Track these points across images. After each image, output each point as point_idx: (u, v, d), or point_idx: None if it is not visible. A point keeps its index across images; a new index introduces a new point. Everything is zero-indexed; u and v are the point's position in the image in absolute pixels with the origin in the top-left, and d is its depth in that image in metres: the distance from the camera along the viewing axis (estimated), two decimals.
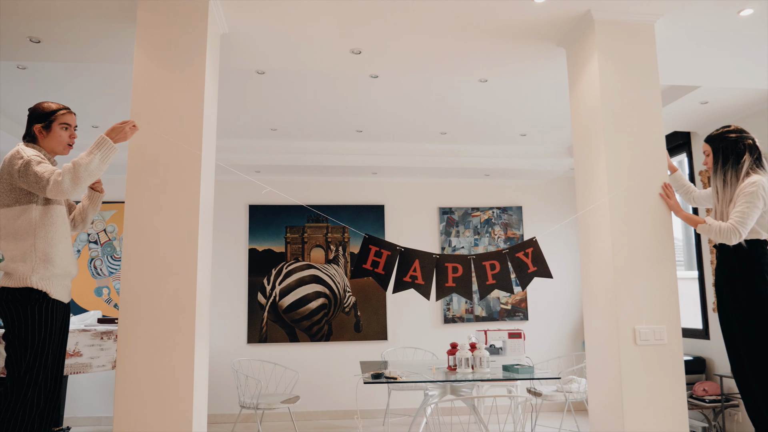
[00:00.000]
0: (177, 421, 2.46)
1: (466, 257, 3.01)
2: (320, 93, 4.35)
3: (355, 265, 2.96)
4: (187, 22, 2.78)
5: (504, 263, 3.02)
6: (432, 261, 2.99)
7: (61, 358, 2.49)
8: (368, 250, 2.99)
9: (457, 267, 2.98)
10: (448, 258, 3.00)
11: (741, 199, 2.65)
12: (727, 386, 4.69)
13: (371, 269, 2.95)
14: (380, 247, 2.98)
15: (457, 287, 2.96)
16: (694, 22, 3.14)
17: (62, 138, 2.54)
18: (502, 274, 3.00)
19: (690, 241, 5.44)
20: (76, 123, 2.61)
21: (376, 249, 2.98)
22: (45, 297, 2.35)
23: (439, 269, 2.98)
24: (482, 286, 3.00)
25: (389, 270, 2.97)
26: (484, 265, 3.00)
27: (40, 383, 2.32)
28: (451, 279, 2.96)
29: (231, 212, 6.09)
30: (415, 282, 2.95)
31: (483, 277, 3.00)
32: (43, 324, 2.33)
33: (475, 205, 6.38)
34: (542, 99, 4.53)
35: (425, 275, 2.96)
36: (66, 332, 2.53)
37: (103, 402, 5.63)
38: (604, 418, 2.90)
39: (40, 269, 2.35)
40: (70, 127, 2.56)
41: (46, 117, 2.52)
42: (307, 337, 5.94)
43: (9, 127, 4.70)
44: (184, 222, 2.61)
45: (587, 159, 3.10)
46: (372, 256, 2.97)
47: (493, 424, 5.44)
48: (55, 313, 2.39)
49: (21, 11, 2.93)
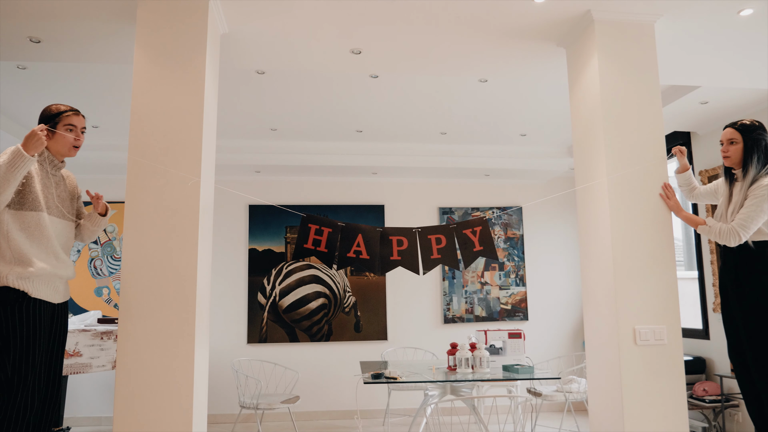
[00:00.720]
0: (177, 421, 2.46)
1: (411, 230, 2.95)
2: (320, 93, 4.35)
3: (295, 246, 2.92)
4: (187, 22, 2.78)
5: (450, 238, 2.95)
6: (376, 234, 2.93)
7: (55, 358, 2.47)
8: (308, 229, 2.91)
9: (402, 240, 2.92)
10: (392, 231, 2.94)
11: (749, 201, 2.60)
12: (727, 386, 4.69)
13: (313, 248, 2.89)
14: (320, 225, 2.92)
15: (402, 260, 2.90)
16: (694, 22, 3.15)
17: (67, 139, 2.52)
18: (447, 249, 2.94)
19: (690, 241, 5.44)
20: (84, 125, 2.59)
21: (316, 227, 2.91)
22: (24, 296, 2.31)
23: (383, 243, 2.92)
24: (426, 260, 2.93)
25: (332, 247, 2.90)
26: (429, 239, 2.94)
27: (29, 385, 2.29)
28: (396, 252, 2.90)
29: (231, 212, 6.09)
30: (359, 257, 2.89)
31: (428, 251, 2.93)
32: (25, 324, 2.30)
33: (475, 205, 6.38)
34: (542, 99, 4.53)
35: (370, 250, 2.90)
36: (60, 333, 2.50)
37: (103, 402, 5.63)
38: (604, 418, 2.90)
39: (18, 269, 2.31)
40: (75, 129, 2.55)
41: (51, 118, 2.52)
42: (307, 337, 5.94)
43: (9, 127, 4.70)
44: (184, 222, 2.61)
45: (587, 159, 3.10)
46: (313, 234, 2.90)
47: (493, 424, 5.44)
48: (38, 313, 2.35)
49: (21, 11, 2.93)
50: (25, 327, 2.31)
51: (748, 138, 2.68)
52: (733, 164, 2.76)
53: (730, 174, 2.81)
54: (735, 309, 2.70)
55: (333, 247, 2.91)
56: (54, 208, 2.50)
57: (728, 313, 2.78)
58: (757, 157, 2.65)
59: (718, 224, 2.67)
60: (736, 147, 2.71)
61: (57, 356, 2.50)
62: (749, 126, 2.70)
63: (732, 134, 2.73)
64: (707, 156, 5.06)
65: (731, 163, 2.76)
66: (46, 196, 2.47)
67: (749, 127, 2.69)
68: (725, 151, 2.74)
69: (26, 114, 4.60)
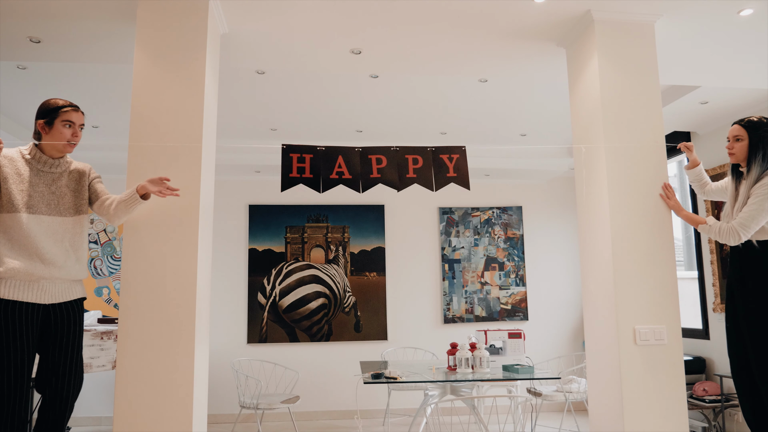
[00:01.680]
0: (177, 421, 2.46)
1: (389, 149, 3.01)
2: (320, 93, 4.35)
3: (282, 178, 2.95)
4: (187, 22, 2.78)
5: (428, 160, 3.01)
6: (356, 155, 2.98)
7: (56, 360, 2.41)
8: (290, 159, 2.93)
9: (381, 158, 2.98)
10: (372, 150, 3.00)
11: (752, 200, 2.56)
12: (727, 386, 4.69)
13: (299, 176, 2.91)
14: (301, 153, 2.95)
15: (381, 178, 2.96)
16: (694, 22, 3.14)
17: (63, 135, 2.46)
18: (423, 170, 2.99)
19: (690, 241, 5.44)
20: (82, 122, 2.53)
21: (297, 155, 2.94)
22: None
23: (363, 161, 2.98)
24: (402, 179, 2.99)
25: (316, 173, 2.94)
26: (406, 159, 3.00)
27: (3, 387, 2.26)
28: (376, 170, 2.96)
29: (231, 212, 6.09)
30: (342, 178, 2.93)
31: (404, 169, 3.00)
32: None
33: (475, 205, 6.38)
34: (542, 99, 4.53)
35: (351, 169, 2.96)
36: (59, 334, 2.44)
37: (103, 402, 5.63)
38: (604, 418, 2.90)
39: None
40: (73, 125, 2.48)
41: (49, 113, 2.46)
42: (307, 337, 5.94)
43: (9, 127, 4.70)
44: (184, 222, 2.61)
45: (587, 159, 3.10)
46: (296, 163, 2.93)
47: (493, 424, 5.44)
48: (9, 315, 2.31)
49: (21, 11, 2.93)
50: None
51: (753, 135, 2.65)
52: (738, 161, 2.72)
53: (737, 171, 2.79)
54: (739, 307, 2.69)
55: (317, 173, 2.96)
56: (42, 206, 2.43)
57: (732, 311, 2.76)
58: (762, 155, 2.62)
59: (718, 224, 2.66)
60: (741, 144, 2.68)
61: (58, 358, 2.44)
62: (756, 123, 2.67)
63: (738, 131, 2.70)
64: (707, 156, 5.06)
65: (737, 160, 2.72)
66: (31, 195, 2.40)
67: (756, 124, 2.66)
68: (730, 148, 2.72)
69: (26, 114, 4.60)
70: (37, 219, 2.41)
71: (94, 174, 2.65)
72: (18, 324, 2.32)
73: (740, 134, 2.69)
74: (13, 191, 2.38)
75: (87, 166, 2.64)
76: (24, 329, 2.34)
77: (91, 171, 2.65)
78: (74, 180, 2.58)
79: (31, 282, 2.37)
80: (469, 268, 6.25)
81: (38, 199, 2.43)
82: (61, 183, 2.53)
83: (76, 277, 2.52)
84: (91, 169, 2.65)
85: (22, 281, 2.36)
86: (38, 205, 2.43)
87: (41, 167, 2.47)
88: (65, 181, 2.54)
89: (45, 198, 2.45)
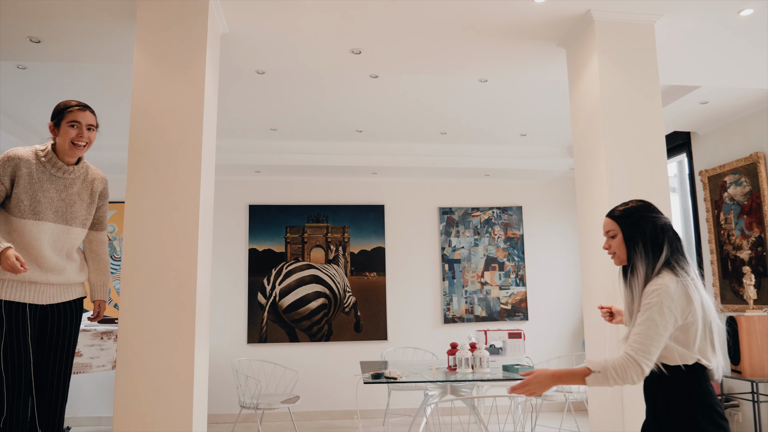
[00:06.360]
0: (177, 421, 2.46)
1: None
2: (320, 93, 4.35)
3: None
4: (187, 22, 2.78)
5: None
6: None
7: (51, 360, 2.41)
8: None
9: None
10: None
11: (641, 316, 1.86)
12: (727, 386, 4.69)
13: None
14: None
15: None
16: (694, 22, 3.15)
17: (69, 135, 2.39)
18: None
19: (690, 241, 5.44)
20: (91, 122, 2.45)
21: None
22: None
23: None
24: None
25: None
26: None
27: (2, 387, 2.26)
28: None
29: (231, 212, 6.09)
30: None
31: None
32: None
33: (475, 205, 6.38)
34: (542, 99, 4.53)
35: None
36: (56, 334, 2.44)
37: (103, 402, 5.63)
38: (604, 418, 2.90)
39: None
40: (79, 125, 2.40)
41: (56, 114, 2.42)
42: (307, 337, 5.94)
43: (9, 127, 4.70)
44: (184, 222, 2.61)
45: (587, 159, 3.10)
46: None
47: (493, 424, 5.44)
48: (7, 315, 2.30)
49: (21, 11, 2.93)
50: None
51: (626, 226, 2.00)
52: (622, 262, 2.03)
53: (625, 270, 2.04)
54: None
55: None
56: (50, 213, 2.39)
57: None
58: (642, 247, 1.95)
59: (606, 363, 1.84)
60: (617, 240, 2.02)
61: (53, 358, 2.44)
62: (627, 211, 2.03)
63: (609, 225, 2.05)
64: (707, 156, 5.06)
65: (620, 262, 2.04)
66: (40, 200, 2.37)
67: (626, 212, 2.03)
68: (608, 248, 2.07)
69: (26, 114, 4.60)
70: (43, 226, 2.37)
71: (106, 193, 2.63)
72: (15, 324, 2.32)
73: (612, 228, 2.04)
74: (22, 195, 2.34)
75: (103, 182, 2.61)
76: (22, 330, 2.34)
77: (105, 190, 2.62)
78: (87, 191, 2.54)
79: (30, 284, 2.37)
80: (469, 268, 6.25)
81: (47, 205, 2.39)
82: (72, 190, 2.48)
83: (76, 281, 2.51)
84: (105, 187, 2.63)
85: (21, 283, 2.35)
86: (46, 211, 2.38)
87: (54, 171, 2.41)
88: (77, 189, 2.49)
89: (54, 204, 2.41)
